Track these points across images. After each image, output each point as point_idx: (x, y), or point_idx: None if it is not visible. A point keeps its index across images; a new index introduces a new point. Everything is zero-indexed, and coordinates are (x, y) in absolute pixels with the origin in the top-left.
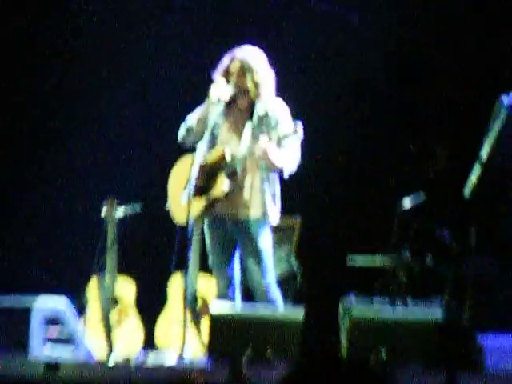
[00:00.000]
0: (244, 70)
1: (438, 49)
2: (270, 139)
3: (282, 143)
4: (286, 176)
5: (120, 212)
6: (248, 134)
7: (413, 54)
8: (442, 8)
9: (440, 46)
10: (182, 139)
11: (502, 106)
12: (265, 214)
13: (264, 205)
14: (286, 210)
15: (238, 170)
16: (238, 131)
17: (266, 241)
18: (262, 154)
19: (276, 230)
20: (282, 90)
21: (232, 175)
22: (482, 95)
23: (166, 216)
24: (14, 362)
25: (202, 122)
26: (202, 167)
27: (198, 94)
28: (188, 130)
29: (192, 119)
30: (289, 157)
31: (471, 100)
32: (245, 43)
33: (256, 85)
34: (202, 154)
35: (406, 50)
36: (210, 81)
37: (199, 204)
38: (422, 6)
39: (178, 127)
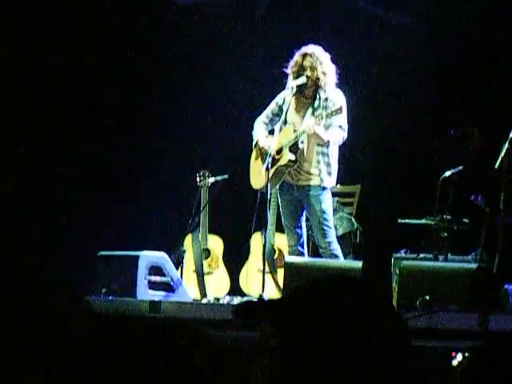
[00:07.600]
0: (315, 63)
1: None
2: (322, 118)
3: (329, 121)
4: (331, 146)
5: (211, 180)
6: (309, 115)
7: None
8: None
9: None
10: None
11: None
12: (322, 180)
13: (320, 173)
14: (348, 179)
15: (300, 145)
16: (302, 114)
17: (325, 203)
18: (309, 127)
19: (340, 195)
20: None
21: (294, 148)
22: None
23: (248, 185)
24: (123, 303)
25: (278, 107)
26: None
27: (274, 85)
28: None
29: (265, 115)
30: (334, 131)
31: (503, 95)
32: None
33: (324, 74)
34: (277, 133)
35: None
36: (285, 74)
37: (271, 172)
38: None
39: (259, 113)
